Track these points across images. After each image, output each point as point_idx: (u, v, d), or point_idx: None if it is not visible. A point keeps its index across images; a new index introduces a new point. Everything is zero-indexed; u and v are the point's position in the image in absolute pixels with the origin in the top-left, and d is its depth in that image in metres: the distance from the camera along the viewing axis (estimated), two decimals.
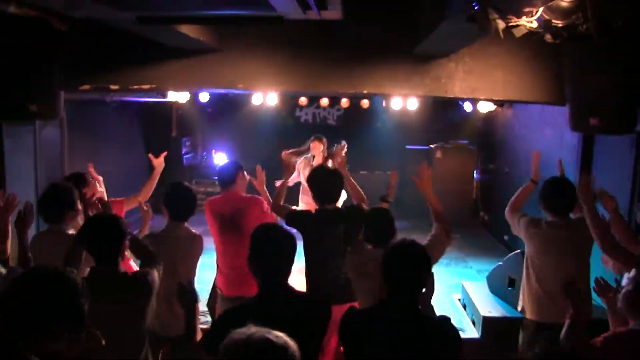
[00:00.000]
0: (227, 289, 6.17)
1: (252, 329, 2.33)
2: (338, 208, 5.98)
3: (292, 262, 3.74)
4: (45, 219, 5.21)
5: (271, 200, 6.26)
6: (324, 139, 10.07)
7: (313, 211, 5.95)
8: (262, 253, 3.69)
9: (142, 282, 4.17)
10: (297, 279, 4.87)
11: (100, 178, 6.80)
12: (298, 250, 3.82)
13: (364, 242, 5.09)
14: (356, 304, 5.49)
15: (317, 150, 9.93)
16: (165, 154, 6.97)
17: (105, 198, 5.99)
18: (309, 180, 5.93)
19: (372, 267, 4.44)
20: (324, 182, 5.82)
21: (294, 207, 6.11)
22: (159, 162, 6.84)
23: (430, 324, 3.52)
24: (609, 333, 3.49)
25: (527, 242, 5.64)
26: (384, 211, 5.34)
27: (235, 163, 6.44)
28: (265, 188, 6.43)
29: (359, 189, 6.22)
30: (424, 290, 3.72)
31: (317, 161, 9.61)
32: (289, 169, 6.31)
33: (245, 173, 6.36)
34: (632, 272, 3.55)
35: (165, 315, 5.30)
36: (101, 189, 6.54)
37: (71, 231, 5.07)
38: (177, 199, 5.56)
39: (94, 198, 5.16)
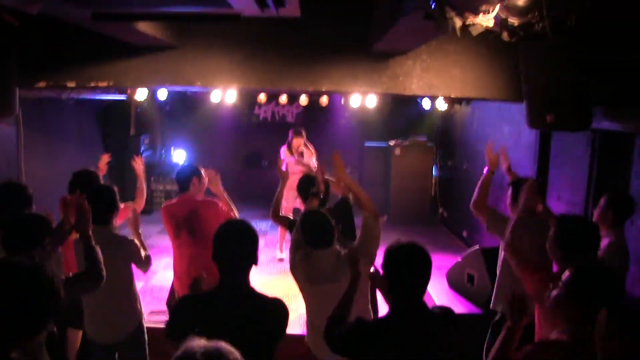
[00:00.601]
0: (183, 291, 6.17)
1: (201, 344, 2.29)
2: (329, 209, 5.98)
3: (251, 258, 3.72)
4: None
5: (230, 202, 6.27)
6: (303, 132, 10.60)
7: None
8: (221, 249, 3.67)
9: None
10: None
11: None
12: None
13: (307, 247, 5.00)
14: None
15: (299, 145, 10.43)
16: (141, 158, 7.00)
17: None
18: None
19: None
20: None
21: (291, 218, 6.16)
22: (139, 166, 6.90)
23: (441, 327, 3.56)
24: (530, 345, 3.35)
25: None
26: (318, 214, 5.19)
27: (191, 167, 6.47)
28: (222, 190, 6.42)
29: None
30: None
31: (303, 157, 10.27)
32: (285, 179, 6.31)
33: (202, 177, 6.36)
34: (565, 274, 3.43)
35: (102, 322, 5.30)
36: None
37: None
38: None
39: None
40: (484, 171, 6.12)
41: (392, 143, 13.87)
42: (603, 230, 5.25)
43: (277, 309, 3.70)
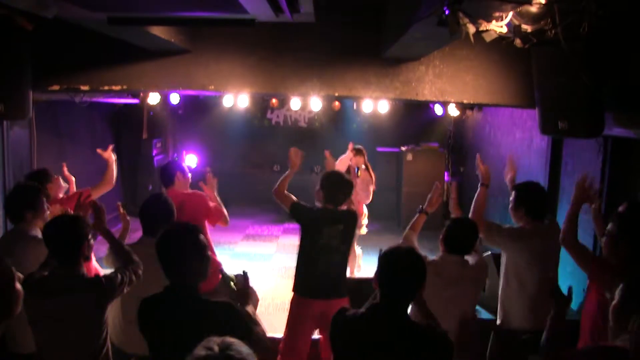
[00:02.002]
0: None
1: (214, 346, 2.30)
2: (338, 209, 6.04)
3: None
4: (10, 219, 5.19)
5: (221, 204, 6.38)
6: (364, 151, 10.09)
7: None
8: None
9: (98, 284, 4.10)
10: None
11: (73, 178, 6.81)
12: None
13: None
14: (344, 301, 5.68)
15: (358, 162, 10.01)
16: (111, 146, 7.13)
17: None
18: (324, 179, 6.03)
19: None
20: (335, 185, 5.95)
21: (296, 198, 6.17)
22: (108, 155, 6.96)
23: (419, 331, 3.49)
24: (592, 345, 3.29)
25: (511, 253, 5.61)
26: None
27: (174, 163, 6.63)
28: (216, 194, 6.54)
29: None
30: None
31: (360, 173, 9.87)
32: (295, 164, 6.34)
33: (185, 172, 6.47)
34: (620, 286, 3.38)
35: (131, 332, 5.28)
36: (65, 185, 6.55)
37: (34, 232, 5.02)
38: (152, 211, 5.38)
39: (88, 200, 5.07)
40: (479, 186, 6.06)
41: (404, 148, 13.88)
42: None
43: (228, 312, 3.66)
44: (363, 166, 9.70)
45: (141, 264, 4.44)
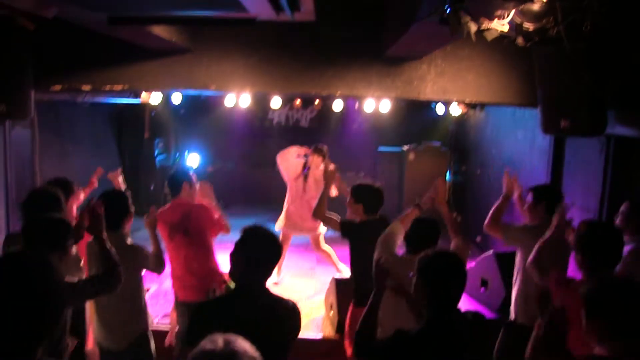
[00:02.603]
0: (182, 294, 6.25)
1: (220, 340, 2.29)
2: (382, 216, 6.17)
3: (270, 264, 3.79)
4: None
5: (222, 213, 6.39)
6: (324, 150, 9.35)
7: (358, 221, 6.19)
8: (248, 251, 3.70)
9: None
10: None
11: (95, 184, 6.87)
12: None
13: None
14: None
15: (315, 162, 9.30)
16: (119, 171, 7.07)
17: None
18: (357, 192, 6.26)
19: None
20: (372, 195, 6.27)
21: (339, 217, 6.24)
22: (117, 180, 6.99)
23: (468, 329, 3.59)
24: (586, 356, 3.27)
25: (528, 250, 5.58)
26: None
27: (183, 172, 6.55)
28: (214, 203, 6.48)
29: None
30: None
31: (317, 174, 9.15)
32: (331, 179, 6.32)
33: (193, 182, 6.41)
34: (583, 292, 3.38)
35: (108, 328, 5.29)
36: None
37: None
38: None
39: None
40: (500, 198, 6.12)
41: (405, 148, 13.85)
42: (625, 237, 5.22)
43: (291, 310, 3.71)
44: (321, 167, 9.04)
45: (123, 274, 4.43)
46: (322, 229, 8.93)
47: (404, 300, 4.73)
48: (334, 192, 8.84)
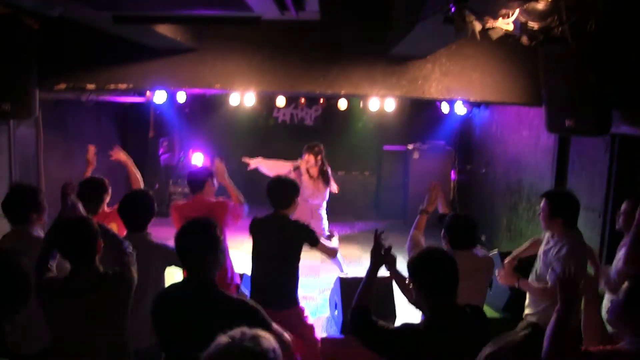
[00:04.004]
0: None
1: (235, 336, 2.30)
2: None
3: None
4: (11, 221, 5.12)
5: (238, 193, 6.51)
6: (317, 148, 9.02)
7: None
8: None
9: (120, 278, 4.12)
10: None
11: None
12: None
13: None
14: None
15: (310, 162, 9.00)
16: (117, 147, 7.15)
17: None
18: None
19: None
20: (277, 189, 6.23)
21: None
22: (121, 157, 7.07)
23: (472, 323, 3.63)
24: (597, 349, 3.27)
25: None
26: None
27: (206, 169, 6.50)
28: (228, 181, 6.54)
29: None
30: None
31: (312, 172, 8.98)
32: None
33: (214, 180, 6.38)
34: (626, 284, 3.36)
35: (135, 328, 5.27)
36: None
37: (37, 233, 5.03)
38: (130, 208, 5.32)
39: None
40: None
41: (410, 147, 13.85)
42: (627, 237, 5.21)
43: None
44: (313, 165, 8.88)
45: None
46: (325, 225, 8.93)
47: None
48: (334, 188, 8.89)
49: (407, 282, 3.77)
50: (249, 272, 6.26)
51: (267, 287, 5.81)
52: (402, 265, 4.48)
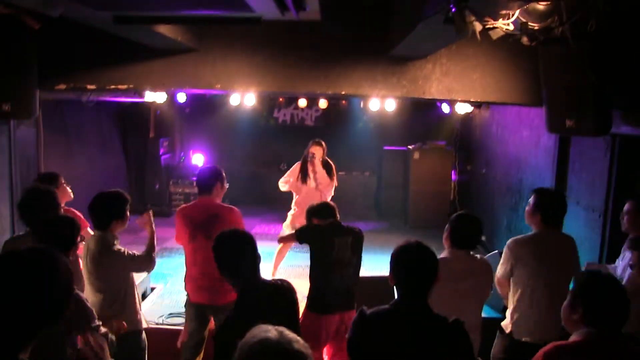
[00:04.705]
0: (194, 295, 6.16)
1: (269, 333, 2.30)
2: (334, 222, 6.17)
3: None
4: (27, 223, 5.15)
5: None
6: (324, 144, 9.32)
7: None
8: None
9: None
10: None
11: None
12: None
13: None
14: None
15: (317, 154, 9.17)
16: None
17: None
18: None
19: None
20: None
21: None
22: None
23: (443, 327, 3.52)
24: (548, 347, 3.32)
25: (517, 263, 5.47)
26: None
27: (216, 170, 6.36)
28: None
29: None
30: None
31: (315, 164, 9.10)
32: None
33: (225, 182, 6.33)
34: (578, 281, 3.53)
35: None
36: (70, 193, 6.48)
37: None
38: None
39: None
40: None
41: (411, 147, 13.85)
42: (633, 235, 5.22)
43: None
44: (319, 160, 9.09)
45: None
46: None
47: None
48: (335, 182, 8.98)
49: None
50: None
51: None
52: None
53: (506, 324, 5.60)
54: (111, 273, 5.25)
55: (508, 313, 5.64)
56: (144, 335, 5.63)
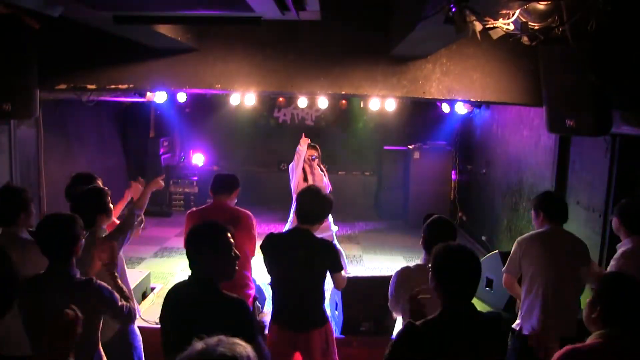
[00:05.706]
0: None
1: (211, 342, 2.28)
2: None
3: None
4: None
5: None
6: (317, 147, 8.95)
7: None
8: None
9: (92, 288, 4.09)
10: None
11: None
12: None
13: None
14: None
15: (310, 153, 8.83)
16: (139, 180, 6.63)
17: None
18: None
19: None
20: (310, 203, 5.38)
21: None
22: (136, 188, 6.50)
23: (489, 325, 3.59)
24: (563, 350, 3.34)
25: (525, 258, 5.51)
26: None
27: (235, 178, 6.33)
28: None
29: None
30: None
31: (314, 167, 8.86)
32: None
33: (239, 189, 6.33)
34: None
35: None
36: None
37: (24, 235, 4.98)
38: None
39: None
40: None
41: (411, 147, 13.85)
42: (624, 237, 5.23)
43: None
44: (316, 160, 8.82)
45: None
46: (334, 227, 8.89)
47: None
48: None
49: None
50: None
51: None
52: (400, 264, 4.47)
53: (516, 323, 5.63)
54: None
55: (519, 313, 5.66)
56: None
